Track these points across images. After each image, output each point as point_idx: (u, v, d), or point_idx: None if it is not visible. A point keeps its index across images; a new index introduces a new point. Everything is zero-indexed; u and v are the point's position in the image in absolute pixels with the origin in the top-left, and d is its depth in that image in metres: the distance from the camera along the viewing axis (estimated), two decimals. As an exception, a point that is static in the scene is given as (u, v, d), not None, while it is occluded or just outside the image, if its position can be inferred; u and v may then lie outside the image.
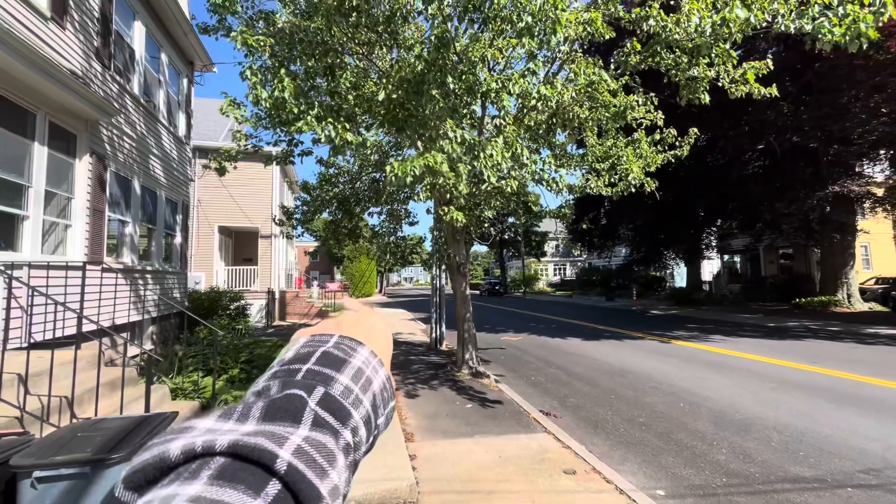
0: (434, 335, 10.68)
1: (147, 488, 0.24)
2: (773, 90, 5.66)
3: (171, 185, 8.88)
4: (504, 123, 4.36)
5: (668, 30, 4.69)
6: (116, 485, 0.24)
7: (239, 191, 16.06)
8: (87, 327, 5.40)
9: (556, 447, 4.56)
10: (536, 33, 3.98)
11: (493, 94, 4.49)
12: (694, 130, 7.09)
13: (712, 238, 26.59)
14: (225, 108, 4.70)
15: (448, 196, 5.52)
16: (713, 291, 27.03)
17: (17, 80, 4.58)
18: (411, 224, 10.68)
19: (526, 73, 4.29)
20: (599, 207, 23.91)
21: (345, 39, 4.82)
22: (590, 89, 4.94)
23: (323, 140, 4.42)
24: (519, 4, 3.99)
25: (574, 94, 4.95)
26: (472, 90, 4.29)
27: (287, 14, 5.67)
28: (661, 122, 7.10)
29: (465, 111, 4.65)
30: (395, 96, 4.30)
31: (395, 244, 10.53)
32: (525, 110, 5.60)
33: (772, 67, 5.78)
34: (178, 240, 9.39)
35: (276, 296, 17.13)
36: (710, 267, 36.42)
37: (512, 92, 4.52)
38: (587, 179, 7.20)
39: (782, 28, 4.85)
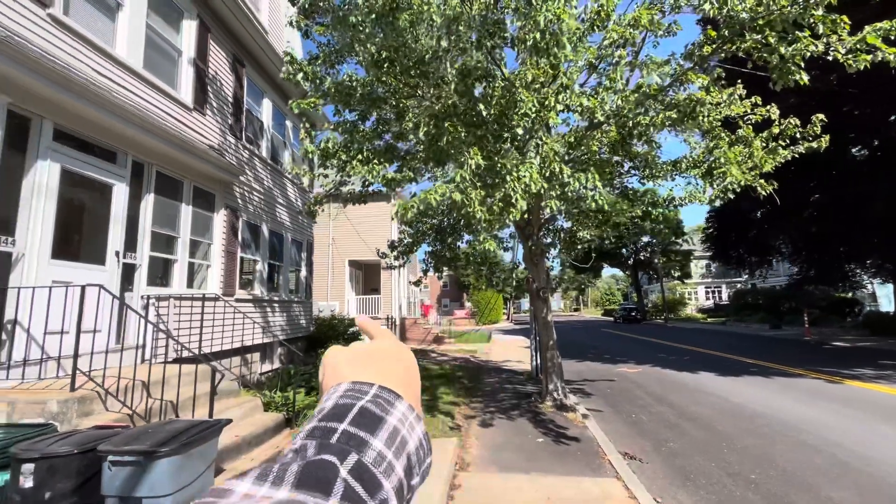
0: (534, 363, 10.28)
1: None
2: None
3: (295, 228, 10.53)
4: (542, 143, 4.19)
5: (730, 7, 3.97)
6: None
7: (364, 227, 18.07)
8: (216, 348, 6.72)
9: (622, 496, 4.01)
10: (547, 49, 3.79)
11: (533, 114, 4.40)
12: (819, 117, 5.68)
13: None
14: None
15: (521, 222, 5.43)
16: (938, 317, 20.25)
17: (171, 159, 6.13)
18: (505, 250, 10.65)
19: (560, 89, 4.11)
20: (747, 219, 20.37)
21: (390, 87, 5.29)
22: (645, 91, 4.43)
23: (377, 180, 4.88)
24: (529, 23, 3.88)
25: (626, 99, 4.50)
26: (505, 114, 4.28)
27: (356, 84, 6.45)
28: (775, 115, 5.97)
29: (506, 134, 4.63)
30: (433, 132, 4.54)
31: (489, 270, 10.61)
32: (587, 130, 5.29)
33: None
34: (303, 273, 10.98)
35: (396, 322, 18.48)
36: (935, 285, 27.51)
37: (554, 107, 4.36)
38: (690, 191, 6.37)
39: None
